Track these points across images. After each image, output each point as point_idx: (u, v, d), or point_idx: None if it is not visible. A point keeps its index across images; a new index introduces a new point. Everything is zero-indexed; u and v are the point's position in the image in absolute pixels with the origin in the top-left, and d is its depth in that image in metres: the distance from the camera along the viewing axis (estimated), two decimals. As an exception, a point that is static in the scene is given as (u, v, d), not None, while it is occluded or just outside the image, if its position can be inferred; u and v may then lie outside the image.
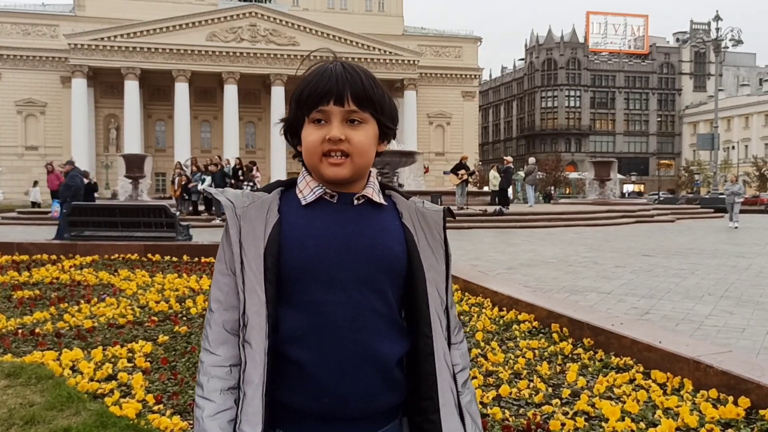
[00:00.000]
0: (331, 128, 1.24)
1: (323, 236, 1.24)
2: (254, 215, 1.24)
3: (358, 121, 1.26)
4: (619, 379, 3.93)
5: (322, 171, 1.25)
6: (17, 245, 10.87)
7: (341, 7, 68.67)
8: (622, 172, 60.98)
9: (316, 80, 1.26)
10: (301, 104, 1.26)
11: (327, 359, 1.20)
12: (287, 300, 1.23)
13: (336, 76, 1.25)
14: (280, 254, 1.22)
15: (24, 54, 59.05)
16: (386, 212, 1.32)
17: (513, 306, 5.86)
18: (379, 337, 1.24)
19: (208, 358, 1.25)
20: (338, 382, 1.20)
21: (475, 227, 18.11)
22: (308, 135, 1.26)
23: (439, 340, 1.30)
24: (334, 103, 1.24)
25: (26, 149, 59.23)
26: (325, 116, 1.25)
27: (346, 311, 1.22)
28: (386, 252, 1.27)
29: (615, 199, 30.02)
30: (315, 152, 1.25)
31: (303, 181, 1.30)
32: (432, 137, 68.24)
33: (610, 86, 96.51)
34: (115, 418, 3.47)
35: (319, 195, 1.27)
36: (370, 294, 1.24)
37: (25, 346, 5.09)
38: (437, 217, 1.34)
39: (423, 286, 1.29)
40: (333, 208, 1.27)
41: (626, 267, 9.42)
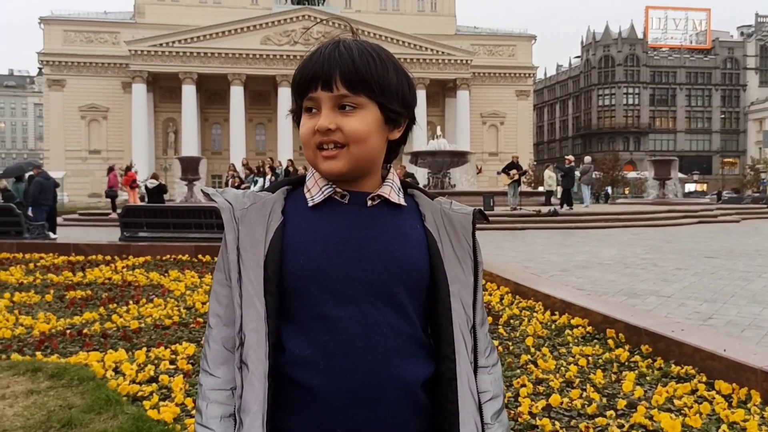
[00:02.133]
0: (317, 117, 1.10)
1: (331, 242, 1.08)
2: (254, 218, 1.09)
3: (350, 106, 1.09)
4: (679, 390, 3.67)
5: (319, 166, 1.11)
6: (74, 246, 11.13)
7: (393, 8, 68.73)
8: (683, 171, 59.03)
9: (303, 64, 1.11)
10: (296, 91, 1.13)
11: (339, 385, 1.04)
12: (291, 315, 1.08)
13: (324, 58, 1.09)
14: (282, 262, 1.07)
15: (87, 61, 61.13)
16: (406, 214, 1.15)
17: (566, 310, 5.61)
18: (399, 359, 1.07)
19: (207, 381, 1.12)
20: (351, 410, 1.04)
21: (529, 228, 17.77)
22: (302, 126, 1.13)
23: (464, 364, 1.13)
24: (321, 89, 1.09)
25: (89, 153, 61.25)
26: (316, 104, 1.10)
27: (359, 329, 1.06)
28: (404, 260, 1.10)
29: (676, 199, 29.07)
30: (308, 145, 1.11)
31: (311, 179, 1.15)
32: (485, 137, 67.59)
33: (671, 83, 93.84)
34: (151, 422, 3.41)
35: (328, 194, 1.12)
36: (386, 309, 1.08)
37: (72, 346, 5.12)
38: (465, 221, 1.16)
39: (446, 300, 1.12)
40: (344, 210, 1.12)
41: (688, 269, 9.01)
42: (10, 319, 5.99)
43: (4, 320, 5.96)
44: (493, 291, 6.97)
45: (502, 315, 5.75)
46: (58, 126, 61.35)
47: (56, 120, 61.54)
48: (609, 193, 61.35)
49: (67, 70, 61.33)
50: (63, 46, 60.94)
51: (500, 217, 19.41)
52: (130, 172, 26.65)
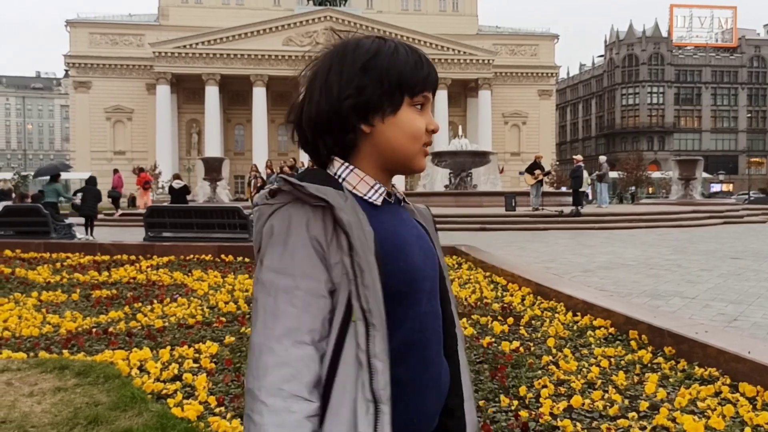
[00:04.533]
0: (430, 117, 1.15)
1: (410, 242, 1.12)
2: (353, 219, 1.03)
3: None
4: (703, 392, 3.63)
5: (417, 162, 1.15)
6: (99, 246, 11.28)
7: (415, 9, 68.68)
8: (708, 170, 58.30)
9: (423, 62, 1.14)
10: (407, 83, 1.11)
11: (422, 378, 1.11)
12: (392, 316, 1.05)
13: (425, 59, 1.15)
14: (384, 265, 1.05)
15: (112, 63, 61.93)
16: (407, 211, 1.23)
17: (588, 311, 5.58)
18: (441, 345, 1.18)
19: (304, 407, 0.99)
20: (428, 401, 1.12)
21: (551, 228, 17.65)
22: (413, 120, 1.12)
23: (461, 337, 1.26)
24: (432, 92, 1.15)
25: (114, 154, 62.00)
26: (425, 102, 1.15)
27: (435, 323, 1.15)
28: (435, 255, 1.20)
29: (701, 199, 28.70)
30: (418, 140, 1.13)
31: (353, 175, 1.12)
32: (507, 137, 67.28)
33: (696, 82, 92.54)
34: (175, 420, 3.46)
35: (384, 195, 1.13)
36: (436, 301, 1.18)
37: (98, 345, 5.20)
38: (430, 216, 1.28)
39: (444, 284, 1.22)
40: (396, 210, 1.16)
41: (713, 270, 8.90)
42: (38, 318, 6.10)
43: (32, 318, 6.08)
44: (514, 292, 6.95)
45: (524, 316, 5.74)
46: (83, 127, 62.21)
47: (82, 121, 62.41)
48: (634, 194, 60.69)
49: (92, 72, 62.17)
50: (89, 49, 61.78)
51: (522, 217, 19.31)
52: (143, 173, 26.95)
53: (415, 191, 29.29)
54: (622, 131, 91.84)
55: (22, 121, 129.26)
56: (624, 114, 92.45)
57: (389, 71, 1.10)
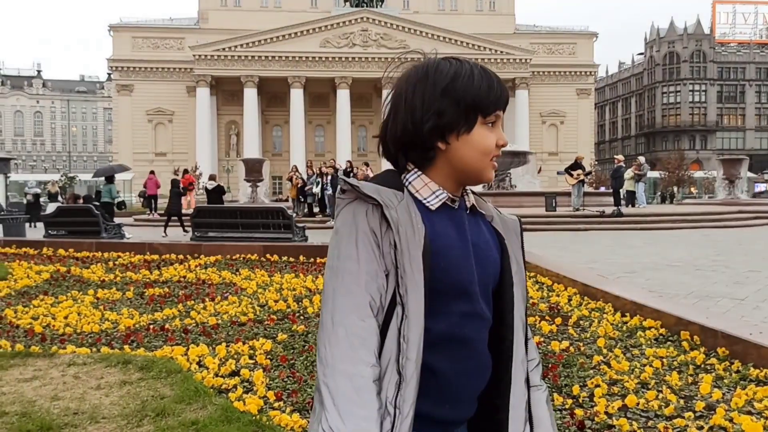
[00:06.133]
0: (501, 133, 1.26)
1: (459, 246, 1.22)
2: (406, 219, 1.17)
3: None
4: (759, 393, 3.63)
5: (486, 174, 1.26)
6: (148, 245, 11.57)
7: (451, 9, 68.48)
8: (753, 170, 56.93)
9: (495, 83, 1.25)
10: (481, 104, 1.22)
11: (457, 368, 1.21)
12: (433, 309, 1.18)
13: (497, 79, 1.26)
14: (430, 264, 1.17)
15: (154, 66, 63.11)
16: (482, 219, 1.32)
17: (637, 311, 5.57)
18: (486, 346, 1.27)
19: (372, 372, 1.13)
20: (463, 389, 1.22)
21: (593, 229, 17.50)
22: (484, 137, 1.24)
23: (519, 344, 1.31)
24: (503, 109, 1.26)
25: (156, 155, 63.12)
26: (496, 120, 1.25)
27: (475, 323, 1.23)
28: (494, 262, 1.28)
29: (746, 199, 28.09)
30: (489, 155, 1.25)
31: (418, 180, 1.24)
32: (545, 137, 66.62)
33: (740, 79, 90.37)
34: (238, 413, 3.58)
35: (444, 200, 1.24)
36: (485, 305, 1.25)
37: (156, 341, 5.38)
38: (516, 225, 1.36)
39: (510, 292, 1.30)
40: (455, 215, 1.26)
41: (762, 271, 8.76)
42: (97, 315, 6.33)
43: (91, 315, 6.30)
44: (560, 292, 6.95)
45: (572, 316, 5.75)
46: (126, 129, 63.52)
47: (124, 123, 63.74)
48: (674, 193, 59.53)
49: (134, 75, 63.44)
50: (131, 52, 63.06)
51: (563, 218, 19.18)
52: (187, 174, 27.44)
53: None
54: (663, 130, 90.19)
55: (67, 124, 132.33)
56: (665, 113, 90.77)
57: (466, 94, 1.21)
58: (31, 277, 8.73)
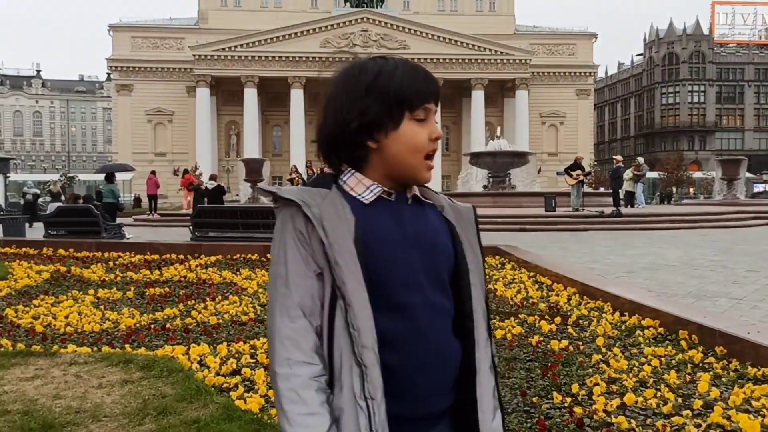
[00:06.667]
0: (433, 127, 1.23)
1: (396, 237, 1.21)
2: (332, 213, 1.18)
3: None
4: (757, 392, 3.65)
5: (420, 174, 1.24)
6: (148, 245, 11.59)
7: (451, 9, 68.54)
8: (751, 170, 56.96)
9: (421, 77, 1.23)
10: (405, 99, 1.21)
11: (413, 362, 1.20)
12: (376, 303, 1.18)
13: (431, 75, 1.25)
14: (365, 255, 1.17)
15: (153, 66, 63.16)
16: (430, 209, 1.30)
17: (636, 311, 5.60)
18: (449, 336, 1.25)
19: (307, 370, 1.16)
20: (421, 384, 1.21)
21: (592, 229, 17.53)
22: (414, 133, 1.22)
23: (481, 330, 1.29)
24: (434, 102, 1.23)
25: (155, 155, 63.15)
26: (427, 114, 1.23)
27: (426, 313, 1.21)
28: (445, 249, 1.27)
29: (744, 200, 28.13)
30: (421, 151, 1.23)
31: (352, 178, 1.25)
32: (544, 137, 66.67)
33: (738, 80, 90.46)
34: (240, 411, 3.61)
35: (378, 194, 1.24)
36: (440, 294, 1.24)
37: (157, 340, 5.40)
38: (470, 213, 1.35)
39: (467, 279, 1.28)
40: (392, 207, 1.25)
41: (760, 271, 8.79)
42: (97, 314, 6.34)
43: (92, 315, 6.32)
44: (560, 291, 6.98)
45: (571, 315, 5.78)
46: (125, 129, 63.55)
47: (124, 123, 63.77)
48: (671, 193, 59.54)
49: (134, 75, 63.47)
50: (130, 52, 63.10)
51: (563, 218, 19.21)
52: (188, 174, 27.47)
53: (452, 192, 29.28)
54: (662, 131, 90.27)
55: (66, 124, 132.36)
56: (664, 113, 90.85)
57: (389, 90, 1.21)
58: (31, 276, 8.75)
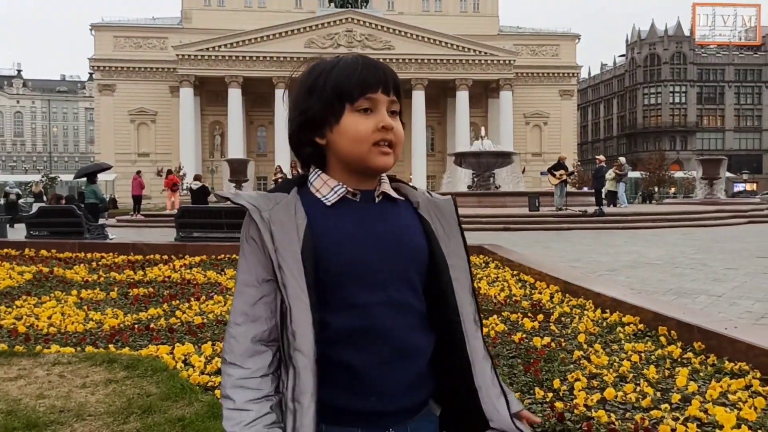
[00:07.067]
0: (382, 116, 1.23)
1: (357, 238, 1.22)
2: (283, 217, 1.19)
3: (395, 112, 1.26)
4: (733, 385, 3.73)
5: (372, 161, 1.23)
6: (132, 246, 11.53)
7: (436, 10, 68.73)
8: (732, 170, 57.71)
9: (360, 68, 1.24)
10: (344, 92, 1.22)
11: (374, 359, 1.20)
12: (331, 303, 1.20)
13: (378, 65, 1.26)
14: (316, 258, 1.18)
15: (136, 66, 62.76)
16: (403, 206, 1.30)
17: (616, 308, 5.67)
18: (416, 333, 1.25)
19: (237, 371, 1.20)
20: (384, 380, 1.21)
21: (575, 228, 17.68)
22: (357, 124, 1.22)
23: (468, 323, 1.30)
24: (381, 92, 1.23)
25: (139, 156, 62.77)
26: (373, 105, 1.23)
27: (389, 311, 1.22)
28: (414, 247, 1.27)
29: (725, 199, 28.47)
30: (366, 141, 1.22)
31: (318, 179, 1.26)
32: (528, 137, 67.05)
33: (719, 80, 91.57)
34: (224, 409, 3.62)
35: (342, 195, 1.25)
36: (406, 291, 1.24)
37: (141, 340, 5.39)
38: (449, 205, 1.34)
39: (447, 274, 1.28)
40: (357, 207, 1.25)
41: (738, 269, 8.93)
42: (81, 315, 6.32)
43: (75, 315, 6.29)
44: (543, 289, 7.05)
45: (553, 313, 5.84)
46: (108, 130, 63.10)
47: (106, 124, 63.31)
48: (653, 193, 60.10)
49: (116, 75, 63.05)
50: (113, 52, 62.68)
51: (546, 217, 19.35)
52: (171, 175, 27.35)
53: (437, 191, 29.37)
54: (644, 131, 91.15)
55: (48, 124, 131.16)
56: (646, 114, 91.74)
57: (326, 86, 1.23)
58: (13, 277, 8.68)
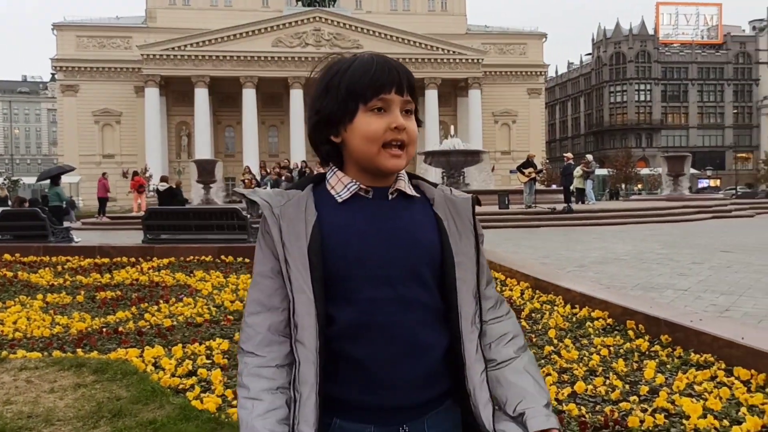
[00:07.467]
0: (395, 116, 1.24)
1: (366, 234, 1.24)
2: (293, 214, 1.23)
3: (410, 111, 1.27)
4: (699, 376, 3.82)
5: (381, 162, 1.24)
6: (98, 248, 11.36)
7: (404, 9, 68.77)
8: (696, 166, 58.72)
9: (375, 68, 1.24)
10: (357, 92, 1.23)
11: (381, 354, 1.22)
12: (338, 298, 1.22)
13: (393, 65, 1.26)
14: (324, 254, 1.21)
15: (100, 66, 61.59)
16: (418, 203, 1.31)
17: (586, 303, 5.76)
18: (426, 329, 1.26)
19: (253, 360, 1.24)
20: (392, 374, 1.22)
21: (544, 225, 17.87)
22: (369, 123, 1.23)
23: (466, 324, 1.29)
24: (395, 92, 1.24)
25: (103, 157, 61.66)
26: (386, 105, 1.24)
27: (396, 307, 1.23)
28: (426, 244, 1.27)
29: (690, 195, 29.01)
30: (376, 141, 1.23)
31: (334, 177, 1.29)
32: (497, 136, 67.48)
33: (683, 78, 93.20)
34: (197, 411, 3.60)
35: (354, 191, 1.27)
36: (416, 287, 1.25)
37: (110, 343, 5.33)
38: (466, 204, 1.34)
39: (452, 273, 1.28)
40: (369, 204, 1.27)
41: (704, 263, 9.11)
42: (47, 319, 6.21)
43: (41, 320, 6.18)
44: (513, 286, 7.11)
45: (524, 309, 5.91)
46: (71, 131, 61.86)
47: (70, 125, 62.06)
48: (618, 190, 60.99)
49: (80, 76, 61.83)
50: (76, 52, 61.46)
51: (516, 215, 19.52)
52: (137, 176, 26.99)
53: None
54: (611, 128, 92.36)
55: (9, 126, 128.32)
56: (612, 111, 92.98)
57: (341, 86, 1.24)
58: (-24, 282, 8.50)
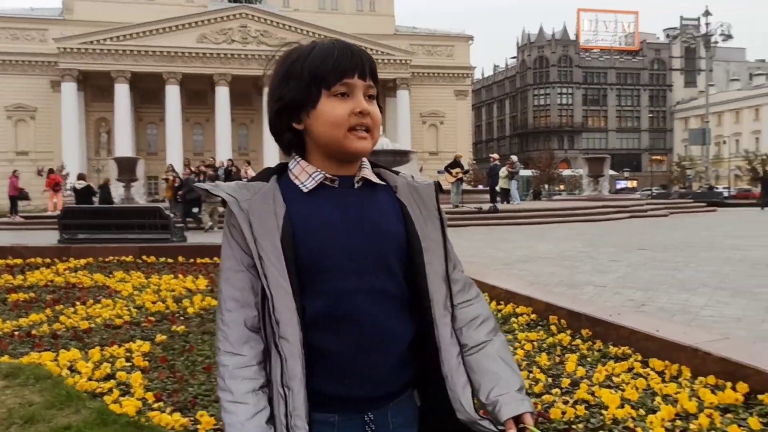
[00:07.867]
0: (358, 101, 1.22)
1: (334, 224, 1.22)
2: (262, 207, 1.20)
3: (372, 96, 1.25)
4: (617, 368, 3.95)
5: (348, 145, 1.22)
6: (10, 249, 10.82)
7: (332, 8, 68.59)
8: (614, 168, 61.06)
9: (337, 54, 1.22)
10: (320, 77, 1.21)
11: (350, 344, 1.21)
12: (307, 290, 1.20)
13: (355, 50, 1.24)
14: (295, 245, 1.19)
15: (13, 59, 58.65)
16: (383, 191, 1.30)
17: (511, 300, 5.88)
18: (395, 320, 1.25)
19: (233, 360, 1.20)
20: (359, 365, 1.21)
21: (471, 225, 18.13)
22: (333, 108, 1.21)
23: (438, 309, 1.28)
24: (358, 77, 1.22)
25: (17, 154, 58.84)
26: (349, 89, 1.22)
27: (365, 297, 1.21)
28: (393, 233, 1.26)
29: (609, 195, 30.07)
30: (341, 126, 1.21)
31: (297, 166, 1.27)
32: (425, 137, 68.18)
33: (602, 83, 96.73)
34: (115, 415, 3.46)
35: (320, 181, 1.24)
36: (384, 277, 1.24)
37: (22, 347, 5.08)
38: (429, 190, 1.33)
39: (420, 258, 1.27)
40: (335, 193, 1.25)
41: (622, 261, 9.45)
42: (-48, 323, 5.86)
43: (-54, 324, 5.83)
44: (439, 284, 7.17)
45: (450, 306, 5.97)
46: (-18, 127, 58.78)
47: (-20, 121, 58.95)
48: (541, 191, 62.71)
49: (-9, 69, 58.83)
50: (-14, 44, 58.45)
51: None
52: (53, 174, 25.96)
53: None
54: (535, 131, 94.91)
55: None
56: (536, 114, 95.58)
57: (302, 72, 1.22)
58: None
